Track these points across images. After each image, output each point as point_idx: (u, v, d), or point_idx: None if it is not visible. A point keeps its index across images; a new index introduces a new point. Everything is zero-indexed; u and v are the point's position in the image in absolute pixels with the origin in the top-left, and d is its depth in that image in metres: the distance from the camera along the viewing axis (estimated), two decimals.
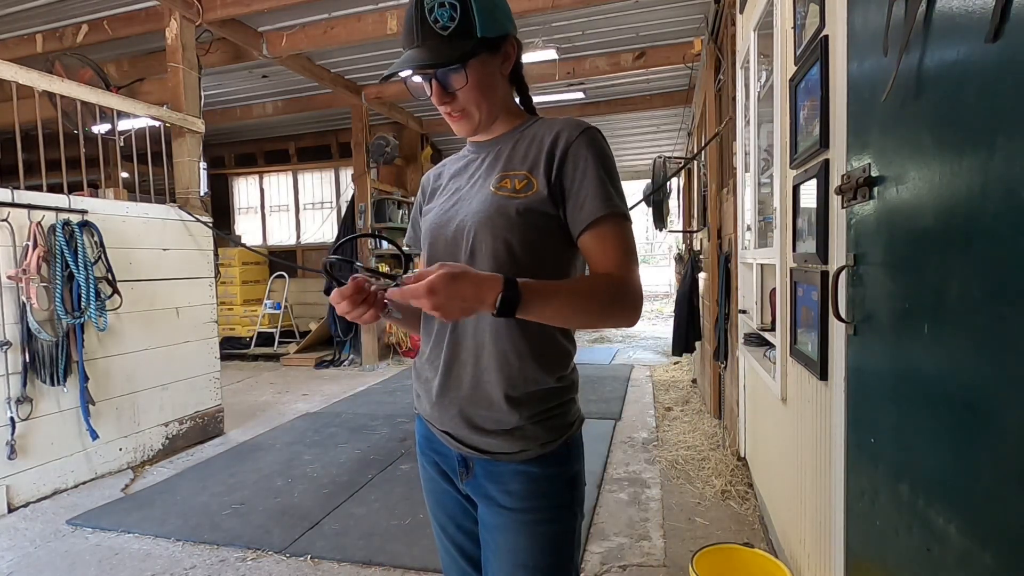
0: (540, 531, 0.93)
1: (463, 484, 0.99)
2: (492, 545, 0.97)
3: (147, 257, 3.59)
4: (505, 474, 0.94)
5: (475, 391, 0.94)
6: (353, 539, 2.44)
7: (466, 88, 0.92)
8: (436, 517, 1.07)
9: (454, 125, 0.98)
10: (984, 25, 0.68)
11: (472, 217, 0.92)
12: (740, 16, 2.82)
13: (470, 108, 0.94)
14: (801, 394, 1.74)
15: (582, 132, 0.92)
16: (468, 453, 0.96)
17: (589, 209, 0.89)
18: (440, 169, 1.10)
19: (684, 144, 7.81)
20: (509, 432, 0.92)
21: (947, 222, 0.81)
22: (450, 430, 0.97)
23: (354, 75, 5.97)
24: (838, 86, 1.34)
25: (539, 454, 0.93)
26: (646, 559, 2.23)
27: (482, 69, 0.92)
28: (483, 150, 1.02)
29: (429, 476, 1.07)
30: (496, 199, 0.92)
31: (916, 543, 0.91)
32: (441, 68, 0.90)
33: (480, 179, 0.98)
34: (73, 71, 4.33)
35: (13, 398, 2.83)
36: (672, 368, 5.96)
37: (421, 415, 1.06)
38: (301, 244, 8.65)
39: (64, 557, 2.37)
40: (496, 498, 0.95)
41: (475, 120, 0.96)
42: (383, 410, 4.62)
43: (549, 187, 0.91)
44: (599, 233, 0.89)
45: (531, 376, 0.92)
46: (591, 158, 0.90)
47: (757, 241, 2.63)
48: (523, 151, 0.96)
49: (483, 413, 0.93)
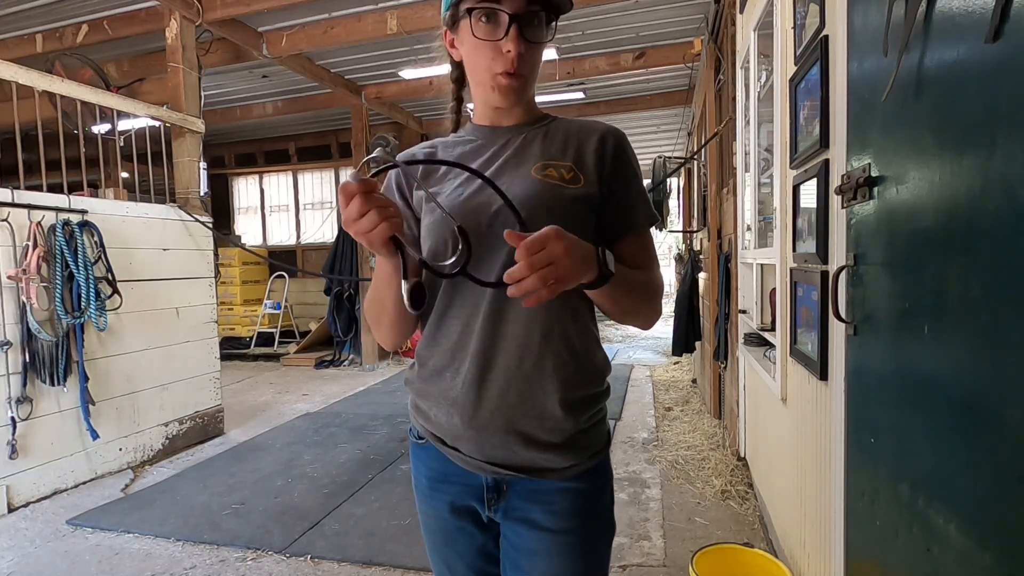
0: (586, 552, 0.88)
1: (490, 511, 0.89)
2: (528, 570, 0.88)
3: (147, 257, 3.59)
4: (550, 492, 0.86)
5: (523, 398, 0.83)
6: (353, 539, 2.44)
7: (540, 49, 0.85)
8: (443, 556, 0.96)
9: (506, 86, 0.85)
10: (984, 25, 0.68)
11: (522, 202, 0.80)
12: (740, 16, 2.82)
13: (533, 72, 0.87)
14: (801, 394, 1.74)
15: (624, 137, 0.93)
16: (504, 475, 0.86)
17: (640, 215, 0.91)
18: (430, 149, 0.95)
19: (684, 144, 7.81)
20: (562, 445, 0.85)
21: (947, 222, 0.81)
22: (492, 454, 0.84)
23: (354, 75, 5.97)
24: (838, 86, 1.34)
25: (587, 468, 0.88)
26: (646, 559, 2.23)
27: (548, 36, 0.87)
28: (501, 135, 0.92)
29: (438, 516, 0.94)
30: (546, 186, 0.85)
31: (916, 543, 0.91)
32: (547, 5, 0.83)
33: (509, 164, 0.88)
34: (73, 71, 4.33)
35: (13, 398, 2.83)
36: (672, 368, 5.96)
37: (433, 441, 0.90)
38: (301, 244, 8.66)
39: (64, 557, 2.37)
40: (538, 520, 0.86)
41: (526, 88, 0.88)
42: (383, 410, 4.61)
43: (599, 184, 0.89)
44: (641, 237, 0.92)
45: (586, 377, 0.87)
46: (635, 165, 0.93)
47: (757, 241, 2.63)
48: (560, 144, 0.90)
49: (535, 423, 0.83)
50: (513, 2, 0.80)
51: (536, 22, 0.82)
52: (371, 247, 0.71)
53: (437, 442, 0.90)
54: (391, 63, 5.57)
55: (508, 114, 0.92)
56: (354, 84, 6.15)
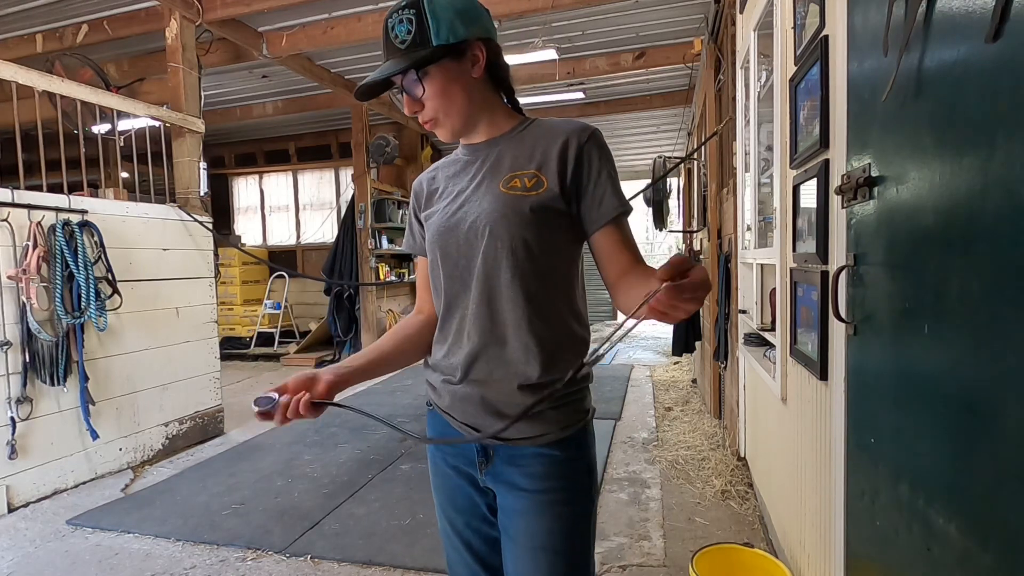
0: (560, 512, 0.96)
1: (482, 476, 1.00)
2: (512, 530, 0.98)
3: (147, 257, 3.59)
4: (526, 457, 0.96)
5: (499, 380, 0.96)
6: (353, 539, 2.44)
7: (428, 96, 0.95)
8: (445, 512, 1.07)
9: (432, 131, 1.01)
10: (984, 25, 0.68)
11: (485, 216, 0.94)
12: (740, 16, 2.82)
13: (438, 115, 0.97)
14: (801, 394, 1.74)
15: (591, 134, 0.97)
16: (489, 442, 0.98)
17: (607, 207, 0.96)
18: (433, 173, 1.11)
19: (684, 144, 7.81)
20: (530, 417, 0.94)
21: (947, 222, 0.81)
22: (472, 420, 0.98)
23: (354, 75, 5.98)
24: (838, 86, 1.34)
25: (559, 437, 0.96)
26: (646, 559, 2.23)
27: (444, 76, 0.94)
28: (480, 152, 1.03)
29: (441, 472, 1.07)
30: (508, 197, 0.94)
31: (916, 543, 0.91)
32: (397, 75, 0.93)
33: (485, 179, 0.99)
34: (73, 71, 4.34)
35: (13, 398, 2.83)
36: (672, 368, 5.96)
37: (437, 409, 1.06)
38: (301, 244, 8.66)
39: (64, 557, 2.37)
40: (517, 482, 0.97)
41: (447, 126, 0.99)
42: (383, 410, 4.62)
43: (561, 186, 0.95)
44: (616, 229, 0.97)
45: (551, 365, 0.95)
46: (603, 159, 0.97)
47: (757, 241, 2.63)
48: (528, 151, 0.98)
49: (505, 399, 0.95)
50: (396, 79, 0.96)
51: (414, 80, 0.94)
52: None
53: (439, 410, 1.05)
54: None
55: (473, 135, 1.03)
56: (354, 84, 6.14)
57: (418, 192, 1.11)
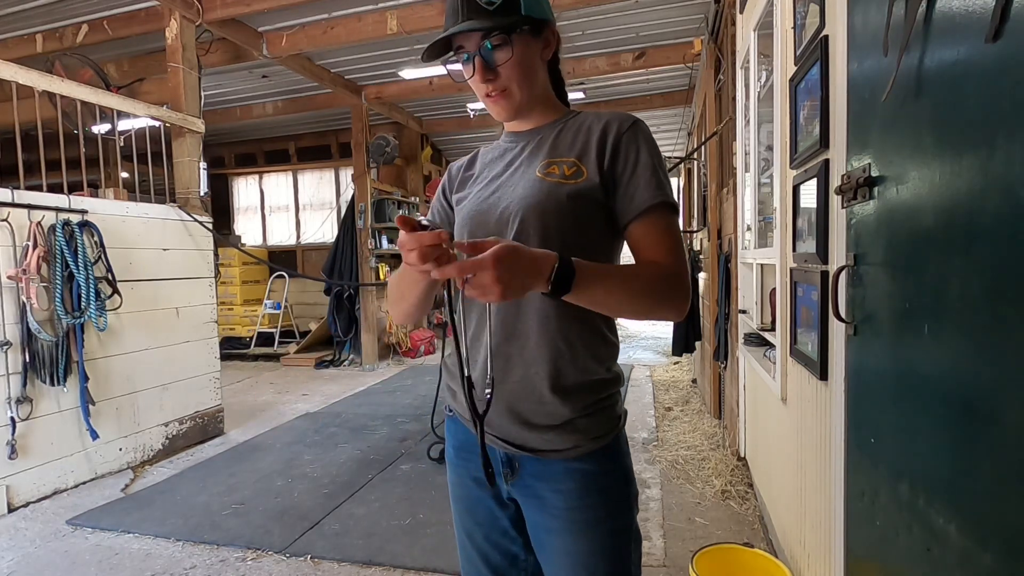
0: (599, 531, 0.90)
1: (508, 486, 0.95)
2: (548, 548, 0.93)
3: (147, 257, 3.59)
4: (557, 473, 0.90)
5: (523, 384, 0.90)
6: (353, 539, 2.44)
7: (509, 63, 0.90)
8: (464, 525, 1.03)
9: (494, 107, 0.94)
10: (984, 25, 0.68)
11: (519, 202, 0.90)
12: (740, 16, 2.82)
13: (512, 86, 0.92)
14: (801, 394, 1.74)
15: (633, 123, 0.92)
16: (514, 452, 0.92)
17: (641, 198, 0.88)
18: (471, 158, 1.07)
19: (684, 144, 7.81)
20: (560, 427, 0.89)
21: (947, 222, 0.81)
22: (495, 428, 0.92)
23: (354, 75, 5.97)
24: (838, 86, 1.34)
25: (592, 449, 0.90)
26: (646, 559, 2.23)
27: (525, 48, 0.91)
28: (523, 139, 1.00)
29: (461, 483, 1.02)
30: (545, 184, 0.90)
31: (916, 543, 0.91)
32: (490, 32, 0.87)
33: (522, 166, 0.96)
34: (73, 71, 4.33)
35: (13, 398, 2.83)
36: (672, 368, 5.96)
37: (458, 416, 1.01)
38: (301, 244, 8.65)
39: (64, 557, 2.37)
40: (548, 499, 0.91)
41: (516, 100, 0.93)
42: (383, 410, 4.61)
43: (601, 175, 0.90)
44: (649, 222, 0.88)
45: (581, 366, 0.90)
46: (643, 149, 0.91)
47: (757, 241, 2.63)
48: (570, 139, 0.95)
49: (532, 407, 0.90)
50: (470, 42, 0.90)
51: (496, 45, 0.89)
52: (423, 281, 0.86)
53: (460, 417, 1.00)
54: (391, 63, 5.57)
55: (525, 119, 1.00)
56: (354, 84, 6.15)
57: (452, 175, 1.07)
